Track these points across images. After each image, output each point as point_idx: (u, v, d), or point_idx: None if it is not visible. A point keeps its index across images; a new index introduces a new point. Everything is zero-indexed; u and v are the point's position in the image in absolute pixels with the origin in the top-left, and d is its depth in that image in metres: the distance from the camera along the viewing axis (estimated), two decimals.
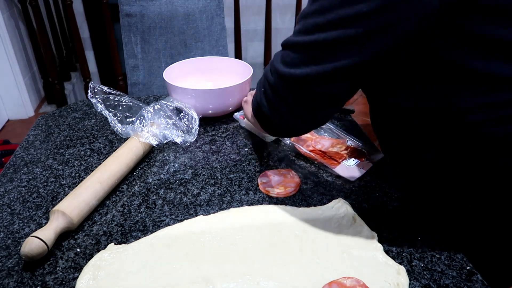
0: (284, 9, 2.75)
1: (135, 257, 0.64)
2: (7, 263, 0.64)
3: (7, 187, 0.81)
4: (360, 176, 0.82)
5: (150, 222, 0.72)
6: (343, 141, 0.91)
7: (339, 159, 0.85)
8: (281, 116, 0.66)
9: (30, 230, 0.70)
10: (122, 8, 1.46)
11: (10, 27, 2.43)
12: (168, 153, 0.92)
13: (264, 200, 0.77)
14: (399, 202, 0.76)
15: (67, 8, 2.18)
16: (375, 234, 0.67)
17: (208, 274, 0.60)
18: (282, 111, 0.65)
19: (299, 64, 0.59)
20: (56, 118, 1.08)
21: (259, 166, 0.86)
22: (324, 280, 0.59)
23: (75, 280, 0.60)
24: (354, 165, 0.84)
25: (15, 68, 2.47)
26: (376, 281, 0.58)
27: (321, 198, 0.77)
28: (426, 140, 0.74)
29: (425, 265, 0.62)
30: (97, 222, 0.72)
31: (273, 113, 0.66)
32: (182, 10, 1.47)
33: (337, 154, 0.87)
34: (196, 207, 0.75)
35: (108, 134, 1.00)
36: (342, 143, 0.90)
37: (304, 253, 0.64)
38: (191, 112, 0.96)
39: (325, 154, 0.86)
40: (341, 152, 0.87)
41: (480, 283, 0.60)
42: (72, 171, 0.86)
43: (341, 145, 0.90)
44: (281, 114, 0.66)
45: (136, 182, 0.82)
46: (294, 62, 0.60)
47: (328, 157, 0.86)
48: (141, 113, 0.90)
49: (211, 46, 1.55)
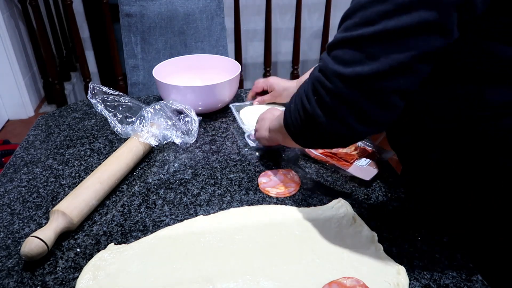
0: (284, 9, 2.75)
1: (135, 257, 0.64)
2: (7, 263, 0.64)
3: (7, 187, 0.81)
4: (374, 175, 0.82)
5: (150, 222, 0.72)
6: None
7: (350, 160, 0.85)
8: (342, 123, 0.56)
9: (30, 230, 0.70)
10: (122, 8, 1.46)
11: (10, 27, 2.43)
12: (168, 153, 0.92)
13: (264, 200, 0.77)
14: (399, 202, 0.76)
15: (67, 8, 2.19)
16: (375, 234, 0.67)
17: (208, 274, 0.60)
18: (345, 116, 0.56)
19: (364, 60, 0.52)
20: (56, 118, 1.08)
21: (259, 166, 0.86)
22: (324, 280, 0.59)
23: (75, 280, 0.60)
24: (366, 165, 0.84)
25: (15, 68, 2.47)
26: (376, 281, 0.58)
27: (321, 198, 0.77)
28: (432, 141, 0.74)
29: (425, 265, 0.62)
30: (97, 222, 0.72)
31: (333, 122, 0.57)
32: (182, 10, 1.47)
33: (348, 155, 0.86)
34: (196, 207, 0.75)
35: (108, 134, 1.00)
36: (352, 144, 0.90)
37: (304, 253, 0.64)
38: (191, 113, 0.96)
39: (336, 156, 0.86)
40: (351, 153, 0.87)
41: (480, 283, 0.60)
42: (72, 171, 0.86)
43: (351, 146, 0.90)
44: (343, 121, 0.56)
45: (136, 182, 0.82)
46: (357, 59, 0.53)
47: (339, 158, 0.86)
48: (141, 113, 0.90)
49: (211, 46, 1.55)
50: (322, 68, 0.57)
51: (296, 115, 0.62)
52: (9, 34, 2.39)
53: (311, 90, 0.58)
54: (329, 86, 0.55)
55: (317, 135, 0.61)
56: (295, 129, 0.64)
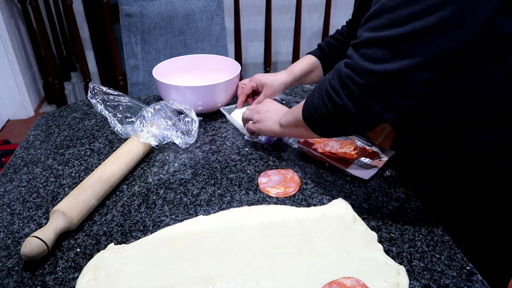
0: (284, 9, 2.75)
1: (135, 257, 0.64)
2: (7, 263, 0.64)
3: (7, 187, 0.81)
4: (374, 174, 0.82)
5: (150, 222, 0.72)
6: (351, 142, 0.91)
7: (350, 160, 0.85)
8: (371, 112, 0.62)
9: (30, 230, 0.70)
10: (122, 8, 1.46)
11: (10, 27, 2.43)
12: (168, 153, 0.92)
13: (264, 200, 0.77)
14: (399, 202, 0.76)
15: (67, 8, 2.19)
16: (375, 234, 0.67)
17: (208, 274, 0.60)
18: (374, 106, 0.62)
19: (393, 57, 0.58)
20: (56, 118, 1.08)
21: (259, 166, 0.86)
22: (324, 280, 0.59)
23: (75, 280, 0.60)
24: (365, 165, 0.84)
25: (15, 68, 2.47)
26: (376, 281, 0.58)
27: (321, 198, 0.77)
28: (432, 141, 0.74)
29: (425, 265, 0.62)
30: (97, 222, 0.72)
31: (362, 112, 0.63)
32: (182, 10, 1.47)
33: (347, 154, 0.86)
34: (196, 207, 0.75)
35: (108, 134, 1.00)
36: (351, 144, 0.90)
37: (304, 253, 0.64)
38: (191, 113, 0.96)
39: (335, 156, 0.86)
40: (351, 153, 0.87)
41: (480, 283, 0.60)
42: (72, 171, 0.86)
43: (350, 146, 0.89)
44: (371, 110, 0.62)
45: (136, 182, 0.82)
46: (386, 57, 0.58)
47: (339, 158, 0.86)
48: (141, 113, 0.90)
49: (211, 46, 1.55)
50: (352, 64, 0.62)
51: (322, 108, 0.67)
52: (9, 34, 2.39)
53: (340, 85, 0.64)
54: (359, 81, 0.61)
55: (345, 124, 0.67)
56: (320, 121, 0.69)
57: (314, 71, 1.02)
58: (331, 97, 0.65)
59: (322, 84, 0.68)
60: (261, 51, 2.55)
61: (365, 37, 0.60)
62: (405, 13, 0.56)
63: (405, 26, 0.56)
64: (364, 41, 0.61)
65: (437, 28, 0.55)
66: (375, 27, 0.59)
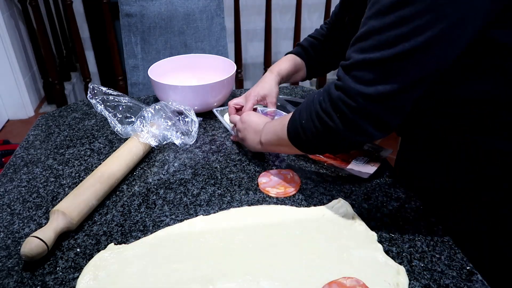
0: (284, 9, 2.75)
1: (135, 257, 0.64)
2: (7, 263, 0.64)
3: (7, 187, 0.81)
4: (373, 172, 0.82)
5: (150, 222, 0.72)
6: None
7: (348, 159, 0.85)
8: (362, 132, 0.62)
9: (30, 230, 0.70)
10: (122, 8, 1.46)
11: (10, 27, 2.43)
12: (168, 153, 0.92)
13: (264, 200, 0.77)
14: (399, 202, 0.76)
15: (67, 8, 2.19)
16: (375, 234, 0.67)
17: (208, 274, 0.60)
18: (365, 127, 0.62)
19: (385, 79, 0.57)
20: (56, 118, 1.08)
21: (259, 166, 0.86)
22: (324, 280, 0.59)
23: (75, 280, 0.60)
24: (364, 163, 0.84)
25: (15, 68, 2.47)
26: (376, 281, 0.58)
27: (321, 198, 0.77)
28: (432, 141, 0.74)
29: (425, 265, 0.62)
30: (97, 222, 0.72)
31: (353, 133, 0.63)
32: (182, 10, 1.47)
33: (345, 154, 0.87)
34: (196, 207, 0.75)
35: (108, 134, 1.00)
36: None
37: (304, 253, 0.64)
38: (191, 114, 0.96)
39: (333, 155, 0.87)
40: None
41: (480, 283, 0.60)
42: (72, 171, 0.86)
43: None
44: (363, 131, 0.62)
45: (136, 182, 0.82)
46: (378, 79, 0.58)
47: (337, 158, 0.86)
48: (141, 113, 0.90)
49: (211, 46, 1.55)
50: (343, 87, 0.61)
51: (312, 130, 0.67)
52: (9, 34, 2.39)
53: (332, 108, 0.63)
54: (352, 105, 0.60)
55: (334, 144, 0.68)
56: (308, 141, 0.69)
57: (299, 72, 1.02)
58: (323, 120, 0.64)
59: (312, 106, 0.67)
60: (261, 51, 2.55)
61: (356, 59, 0.60)
62: (394, 34, 0.55)
63: (395, 48, 0.55)
64: (354, 63, 0.60)
65: (427, 47, 0.55)
66: (365, 49, 0.59)
